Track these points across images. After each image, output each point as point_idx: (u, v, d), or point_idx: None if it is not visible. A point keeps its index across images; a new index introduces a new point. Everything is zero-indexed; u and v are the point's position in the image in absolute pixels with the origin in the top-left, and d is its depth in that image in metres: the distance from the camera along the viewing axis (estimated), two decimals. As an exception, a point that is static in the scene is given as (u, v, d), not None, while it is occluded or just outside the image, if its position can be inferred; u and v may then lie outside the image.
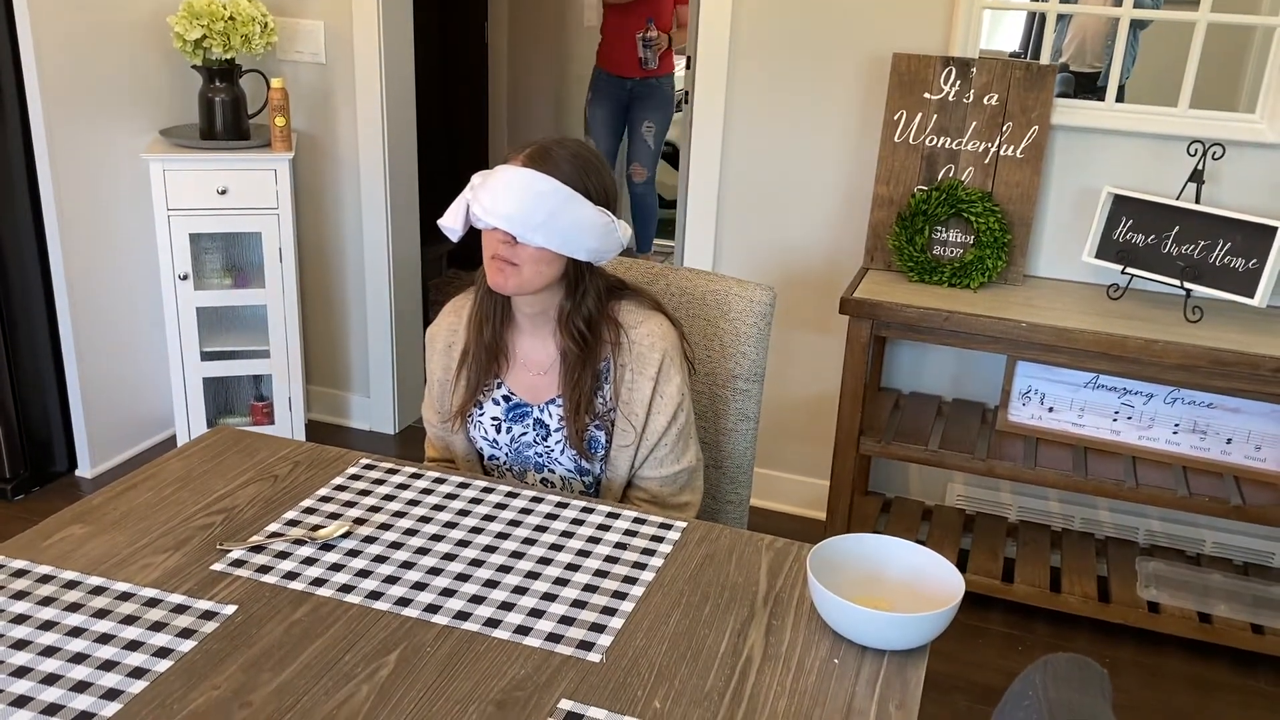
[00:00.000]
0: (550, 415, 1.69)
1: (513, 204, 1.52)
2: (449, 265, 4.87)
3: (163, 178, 2.97)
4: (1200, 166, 2.50)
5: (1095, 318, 2.47)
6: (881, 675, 1.23)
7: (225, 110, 3.07)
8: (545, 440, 1.70)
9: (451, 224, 1.59)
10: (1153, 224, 2.53)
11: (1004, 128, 2.63)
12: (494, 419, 1.71)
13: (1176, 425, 2.63)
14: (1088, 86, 2.68)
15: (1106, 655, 2.61)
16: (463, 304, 1.74)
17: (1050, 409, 2.71)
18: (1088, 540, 2.89)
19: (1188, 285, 2.46)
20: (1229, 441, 2.60)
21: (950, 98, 2.65)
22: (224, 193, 3.02)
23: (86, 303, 3.10)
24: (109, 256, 3.15)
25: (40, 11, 2.81)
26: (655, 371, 1.64)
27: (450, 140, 5.11)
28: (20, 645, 1.21)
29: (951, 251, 2.69)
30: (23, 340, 3.02)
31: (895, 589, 1.34)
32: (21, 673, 1.16)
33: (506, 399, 1.71)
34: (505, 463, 1.74)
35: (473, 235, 1.64)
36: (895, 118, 2.70)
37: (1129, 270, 2.54)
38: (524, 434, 1.71)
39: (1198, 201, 2.50)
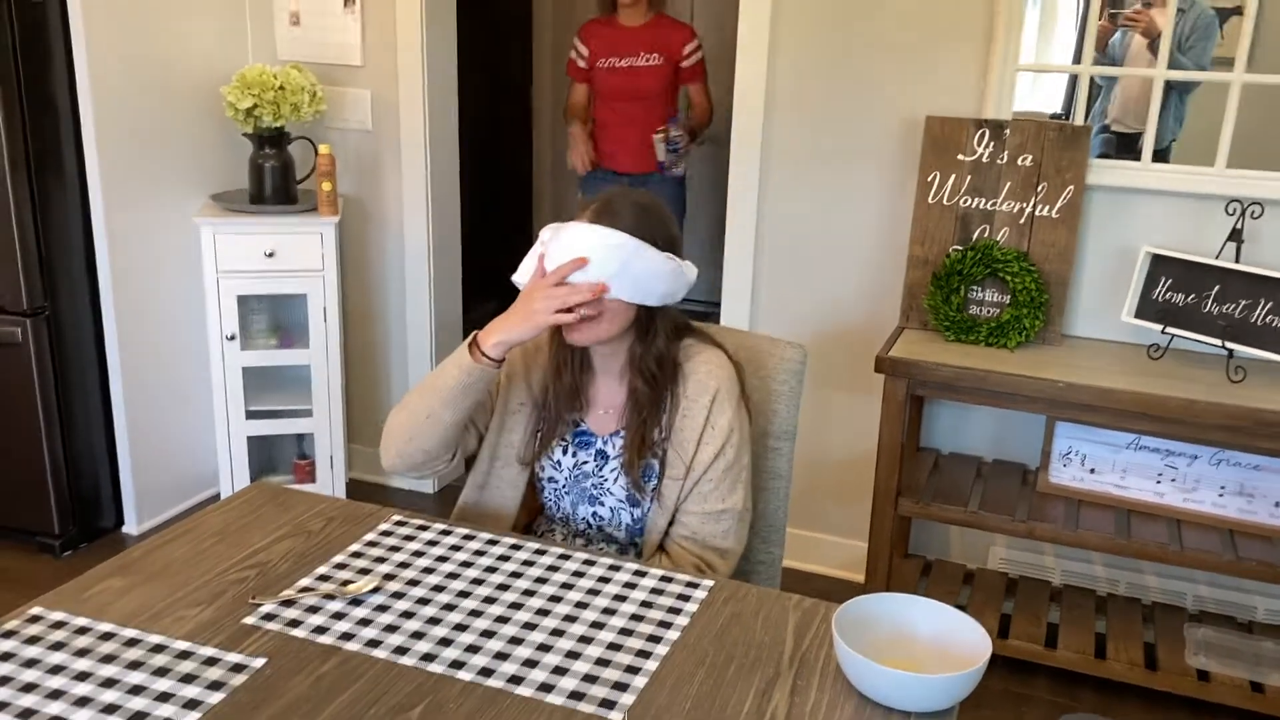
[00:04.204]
0: (613, 446, 1.75)
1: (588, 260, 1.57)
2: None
3: (213, 241, 3.06)
4: (1239, 226, 2.49)
5: (1135, 378, 2.44)
6: (907, 738, 1.22)
7: (274, 175, 3.16)
8: (601, 470, 1.75)
9: (524, 279, 1.65)
10: (1192, 283, 2.51)
11: (1039, 188, 2.63)
12: (561, 440, 1.78)
13: (1223, 488, 2.58)
14: (1133, 147, 2.68)
15: (1155, 725, 2.54)
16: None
17: (1092, 470, 2.67)
18: (1134, 605, 2.83)
19: (1229, 345, 2.43)
20: (1277, 505, 2.54)
21: (984, 159, 2.66)
22: (271, 255, 3.10)
23: (137, 362, 3.18)
24: (159, 317, 3.24)
25: (100, 82, 2.93)
26: (709, 401, 1.69)
27: (495, 203, 5.20)
28: (55, 695, 1.23)
29: (988, 311, 2.68)
30: (76, 399, 3.10)
31: (923, 650, 1.33)
32: (54, 722, 1.19)
33: (576, 425, 1.78)
34: (563, 486, 1.79)
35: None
36: (929, 179, 2.71)
37: (1169, 330, 2.52)
38: (585, 462, 1.77)
39: (1237, 261, 2.48)
